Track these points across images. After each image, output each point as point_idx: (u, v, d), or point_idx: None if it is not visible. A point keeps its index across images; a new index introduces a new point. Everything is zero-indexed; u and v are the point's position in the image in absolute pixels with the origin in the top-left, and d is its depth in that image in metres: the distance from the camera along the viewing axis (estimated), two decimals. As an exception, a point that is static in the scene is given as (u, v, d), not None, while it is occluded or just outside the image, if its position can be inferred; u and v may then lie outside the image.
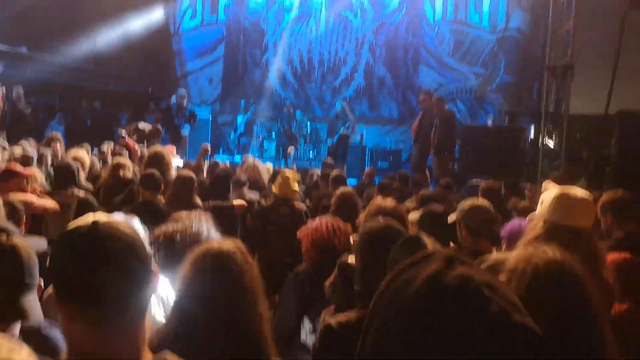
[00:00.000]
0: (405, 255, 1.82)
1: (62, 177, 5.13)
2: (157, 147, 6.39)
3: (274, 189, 5.27)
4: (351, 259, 2.89)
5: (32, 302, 1.84)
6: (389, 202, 3.17)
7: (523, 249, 2.40)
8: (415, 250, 1.93)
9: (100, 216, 1.34)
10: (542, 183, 6.80)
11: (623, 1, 10.59)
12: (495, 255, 2.62)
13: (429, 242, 2.10)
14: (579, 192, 2.56)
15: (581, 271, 1.76)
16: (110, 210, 3.74)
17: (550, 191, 2.62)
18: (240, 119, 14.89)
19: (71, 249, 1.28)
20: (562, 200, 2.48)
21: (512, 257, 1.86)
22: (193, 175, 5.11)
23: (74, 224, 1.33)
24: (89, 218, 1.31)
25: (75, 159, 5.99)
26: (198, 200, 4.92)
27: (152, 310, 2.32)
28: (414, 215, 3.81)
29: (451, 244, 3.25)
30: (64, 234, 1.33)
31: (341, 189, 4.74)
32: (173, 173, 5.39)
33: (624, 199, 3.59)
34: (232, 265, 1.95)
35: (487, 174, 8.82)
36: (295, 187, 5.22)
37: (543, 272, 1.70)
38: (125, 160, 6.20)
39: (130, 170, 5.68)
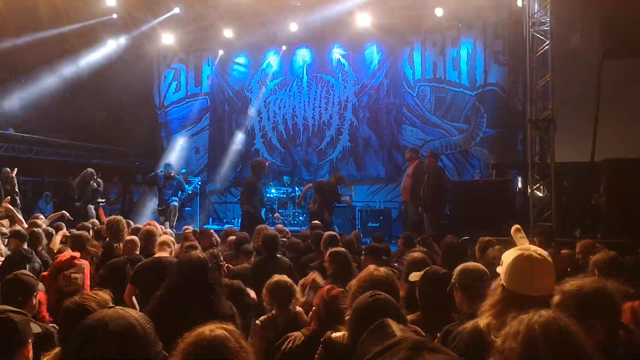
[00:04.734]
0: (373, 343, 1.77)
1: None
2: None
3: None
4: (335, 335, 2.76)
5: None
6: (382, 270, 3.06)
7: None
8: (383, 337, 1.90)
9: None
10: (534, 234, 6.73)
11: (597, 52, 10.88)
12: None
13: (397, 328, 2.01)
14: (536, 255, 2.39)
15: (577, 330, 1.74)
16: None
17: (509, 252, 2.48)
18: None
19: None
20: (519, 266, 2.37)
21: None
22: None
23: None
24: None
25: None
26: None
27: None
28: (415, 275, 3.70)
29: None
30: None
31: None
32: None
33: (610, 261, 3.82)
34: (227, 354, 1.80)
35: (479, 229, 8.77)
36: None
37: (539, 330, 1.70)
38: None
39: None
